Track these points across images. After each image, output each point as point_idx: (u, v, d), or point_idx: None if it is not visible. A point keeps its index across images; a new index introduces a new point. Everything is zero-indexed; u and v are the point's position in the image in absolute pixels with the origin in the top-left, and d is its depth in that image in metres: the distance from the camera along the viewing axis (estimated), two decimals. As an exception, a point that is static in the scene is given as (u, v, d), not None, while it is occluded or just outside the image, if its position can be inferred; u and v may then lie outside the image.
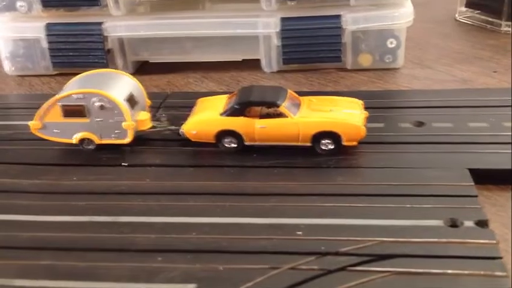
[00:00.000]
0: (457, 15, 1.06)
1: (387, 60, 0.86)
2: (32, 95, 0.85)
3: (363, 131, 0.61)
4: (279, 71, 0.88)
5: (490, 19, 1.00)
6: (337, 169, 0.60)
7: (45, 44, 0.88)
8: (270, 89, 0.65)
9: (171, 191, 0.58)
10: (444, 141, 0.63)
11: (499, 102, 0.70)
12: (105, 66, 0.88)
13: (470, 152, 0.61)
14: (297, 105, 0.63)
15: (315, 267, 0.46)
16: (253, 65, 0.89)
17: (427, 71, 0.86)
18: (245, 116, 0.62)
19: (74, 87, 0.64)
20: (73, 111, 0.63)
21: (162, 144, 0.67)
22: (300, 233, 0.50)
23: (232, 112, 0.62)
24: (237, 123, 0.62)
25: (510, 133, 0.63)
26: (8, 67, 0.92)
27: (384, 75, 0.85)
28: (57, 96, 0.63)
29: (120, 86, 0.66)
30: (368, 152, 0.63)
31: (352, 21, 0.83)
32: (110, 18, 0.87)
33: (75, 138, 0.65)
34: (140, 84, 0.68)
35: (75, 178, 0.61)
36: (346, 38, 0.84)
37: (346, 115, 0.62)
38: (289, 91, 0.64)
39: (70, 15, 0.89)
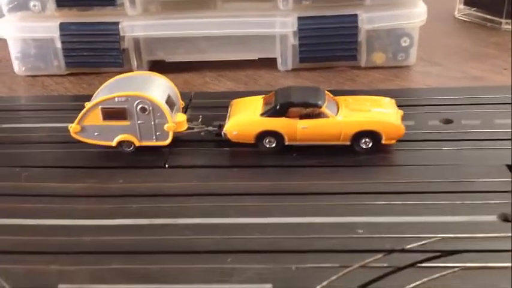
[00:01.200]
0: (456, 13, 1.09)
1: (400, 58, 0.89)
2: (49, 96, 0.84)
3: (402, 130, 0.63)
4: (293, 70, 0.89)
5: (489, 17, 1.04)
6: (378, 167, 0.62)
7: (58, 44, 0.88)
8: (308, 89, 0.67)
9: (222, 192, 0.59)
10: (476, 138, 0.66)
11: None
12: (121, 65, 0.88)
13: (505, 148, 0.63)
14: (335, 105, 0.65)
15: (385, 264, 0.48)
16: (267, 63, 0.91)
17: (438, 69, 0.89)
18: (286, 116, 0.63)
19: (111, 91, 0.64)
20: (114, 114, 0.64)
21: (199, 145, 0.67)
22: (361, 231, 0.52)
23: (273, 113, 0.64)
24: (279, 124, 0.63)
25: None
26: (18, 67, 0.91)
27: (398, 73, 0.87)
28: (98, 99, 0.63)
29: (158, 88, 0.66)
30: (404, 150, 0.65)
31: (367, 20, 0.85)
32: (125, 18, 0.86)
33: (115, 141, 0.65)
34: (174, 86, 0.69)
35: (121, 181, 0.61)
36: (362, 37, 0.86)
37: (385, 114, 0.64)
38: (326, 92, 0.66)
39: (83, 14, 0.88)
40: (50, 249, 0.51)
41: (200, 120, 0.68)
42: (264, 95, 0.68)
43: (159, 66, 0.92)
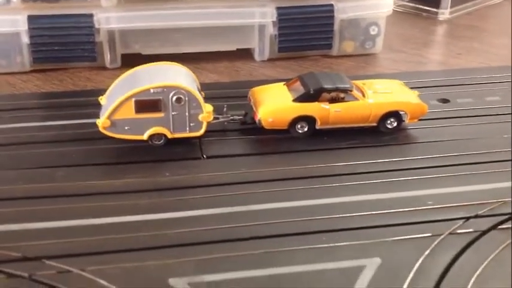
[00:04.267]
0: (392, 5, 1.15)
1: (367, 47, 0.93)
2: (30, 94, 0.78)
3: (425, 109, 0.67)
4: (269, 59, 0.91)
5: (424, 7, 1.12)
6: (409, 144, 0.66)
7: (25, 39, 0.81)
8: (332, 75, 0.68)
9: (276, 177, 0.59)
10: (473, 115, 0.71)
11: (507, 78, 0.80)
12: (94, 60, 0.84)
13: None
14: (358, 89, 0.67)
15: (471, 229, 0.52)
16: (242, 54, 0.91)
17: (402, 55, 0.95)
18: (318, 101, 0.65)
19: (135, 83, 0.62)
20: (148, 105, 0.61)
21: (225, 135, 0.67)
22: (431, 202, 0.55)
23: (307, 98, 0.65)
24: (313, 109, 0.65)
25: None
26: (-26, 65, 0.83)
27: (368, 60, 0.92)
28: (132, 91, 0.61)
29: (186, 78, 0.64)
30: (420, 128, 0.69)
31: (342, 10, 0.88)
32: (99, 10, 0.82)
33: (146, 134, 0.62)
34: (195, 76, 0.68)
35: (167, 174, 0.59)
36: (336, 26, 0.89)
37: (407, 95, 0.68)
38: (346, 77, 0.69)
39: (51, 7, 0.83)
40: (142, 245, 0.49)
41: (225, 109, 0.67)
42: (285, 82, 0.69)
43: (133, 60, 0.88)
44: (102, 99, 0.65)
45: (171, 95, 0.61)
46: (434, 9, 1.10)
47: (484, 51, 0.96)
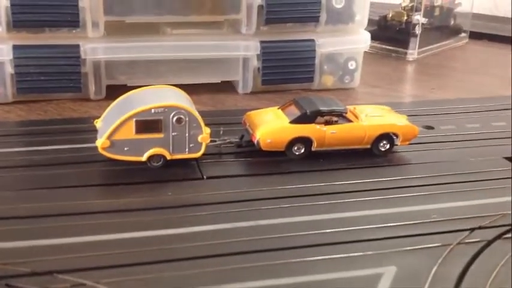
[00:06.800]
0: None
1: (346, 81, 0.96)
2: (19, 121, 0.77)
3: (417, 131, 0.69)
4: (252, 92, 0.92)
5: (393, 48, 1.16)
6: (403, 165, 0.67)
7: (9, 68, 0.80)
8: (326, 99, 0.70)
9: (280, 195, 0.59)
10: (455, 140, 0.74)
11: (484, 108, 0.84)
12: (79, 90, 0.84)
13: (497, 145, 0.72)
14: (351, 113, 0.69)
15: (477, 239, 0.53)
16: (224, 87, 0.92)
17: (378, 90, 0.97)
18: (315, 123, 0.66)
19: (131, 106, 0.62)
20: (149, 126, 0.61)
21: (221, 158, 0.67)
22: (435, 215, 0.56)
23: (303, 120, 0.66)
24: (310, 130, 0.66)
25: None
26: (-48, 96, 0.81)
27: (347, 94, 0.94)
28: (133, 111, 0.60)
29: (185, 99, 0.65)
30: (411, 151, 0.71)
31: (323, 45, 0.91)
32: (86, 41, 0.82)
33: (146, 155, 0.62)
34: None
35: (169, 193, 0.59)
36: (317, 60, 0.92)
37: (398, 118, 0.70)
38: (337, 101, 0.70)
39: (36, 37, 0.82)
40: (156, 258, 0.48)
41: (221, 133, 0.68)
42: (279, 106, 0.70)
43: (117, 91, 0.88)
44: (98, 123, 0.65)
45: (171, 115, 0.61)
46: (404, 50, 1.14)
47: (456, 86, 1.00)
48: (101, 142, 0.60)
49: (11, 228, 0.51)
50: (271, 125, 0.66)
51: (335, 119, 0.67)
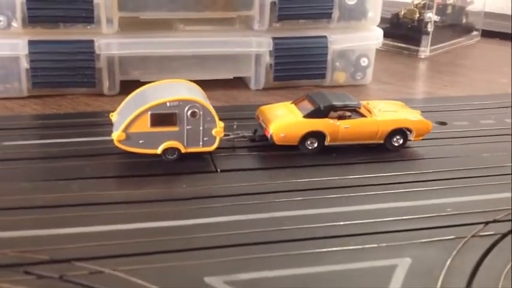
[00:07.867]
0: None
1: (358, 78, 0.96)
2: (36, 115, 0.78)
3: (430, 126, 0.69)
4: (264, 88, 0.92)
5: (405, 45, 1.16)
6: (416, 160, 0.67)
7: (24, 63, 0.81)
8: (339, 94, 0.70)
9: (294, 188, 0.59)
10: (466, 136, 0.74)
11: (497, 104, 0.84)
12: (94, 86, 0.84)
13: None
14: (365, 108, 0.69)
15: (492, 232, 0.53)
16: (236, 83, 0.92)
17: (391, 87, 0.97)
18: (328, 118, 0.66)
19: (150, 98, 0.62)
20: (163, 119, 0.61)
21: (235, 151, 0.68)
22: (450, 209, 0.57)
23: (317, 114, 0.66)
24: (324, 125, 0.66)
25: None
26: (-33, 90, 0.82)
27: (359, 91, 0.94)
28: (148, 105, 0.61)
29: (200, 93, 0.65)
30: (424, 147, 0.71)
31: (335, 41, 0.91)
32: (99, 36, 0.83)
33: (160, 148, 0.62)
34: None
35: (184, 185, 0.59)
36: (329, 57, 0.92)
37: (412, 113, 0.70)
38: (350, 96, 0.71)
39: (52, 32, 0.83)
40: (173, 247, 0.48)
41: (235, 127, 0.68)
42: (292, 101, 0.70)
43: (130, 87, 0.88)
44: (114, 116, 0.65)
45: (186, 108, 0.61)
46: (416, 47, 1.14)
47: (468, 84, 1.00)
48: (116, 135, 0.61)
49: (29, 217, 0.52)
50: (285, 119, 0.66)
51: (348, 113, 0.68)
